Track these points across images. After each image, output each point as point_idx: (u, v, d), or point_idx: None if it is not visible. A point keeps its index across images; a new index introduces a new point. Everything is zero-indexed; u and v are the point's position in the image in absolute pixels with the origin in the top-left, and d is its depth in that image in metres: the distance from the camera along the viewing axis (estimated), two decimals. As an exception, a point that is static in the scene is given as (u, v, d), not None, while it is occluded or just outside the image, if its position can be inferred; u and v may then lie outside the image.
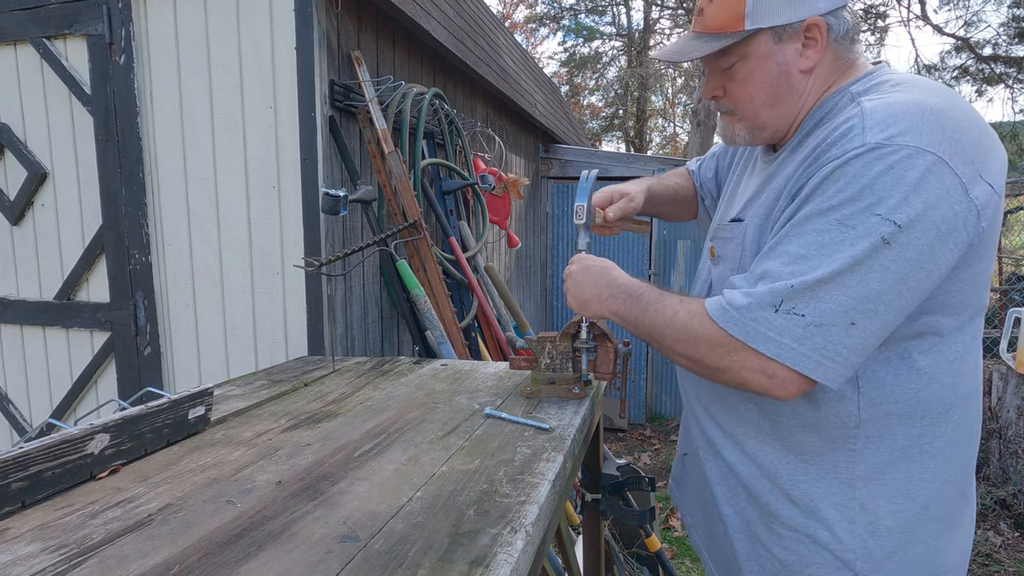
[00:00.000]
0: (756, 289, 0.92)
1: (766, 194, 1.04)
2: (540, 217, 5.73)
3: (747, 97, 1.03)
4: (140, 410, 1.13)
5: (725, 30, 0.98)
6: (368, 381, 1.68)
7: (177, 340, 2.38)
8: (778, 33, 0.98)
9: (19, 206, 2.53)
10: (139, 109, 2.28)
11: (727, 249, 1.10)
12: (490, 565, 0.76)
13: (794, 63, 1.00)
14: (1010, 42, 10.52)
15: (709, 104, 1.13)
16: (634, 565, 2.46)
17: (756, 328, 0.90)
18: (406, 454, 1.13)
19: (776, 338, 0.89)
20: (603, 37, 17.25)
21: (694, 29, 1.04)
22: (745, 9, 0.96)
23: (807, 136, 1.02)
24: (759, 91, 1.02)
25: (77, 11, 2.30)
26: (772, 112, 1.03)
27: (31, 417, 2.68)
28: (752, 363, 0.92)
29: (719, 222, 1.20)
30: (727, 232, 1.11)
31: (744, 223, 1.07)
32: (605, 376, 1.43)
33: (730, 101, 1.06)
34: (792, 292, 0.88)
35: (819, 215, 0.89)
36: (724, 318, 0.94)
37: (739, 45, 0.99)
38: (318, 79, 2.08)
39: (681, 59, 1.05)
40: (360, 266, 2.37)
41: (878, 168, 0.85)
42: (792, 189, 0.96)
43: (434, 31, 2.72)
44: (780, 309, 0.89)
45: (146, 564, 0.78)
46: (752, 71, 1.01)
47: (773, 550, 1.08)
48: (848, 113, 0.94)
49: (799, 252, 0.89)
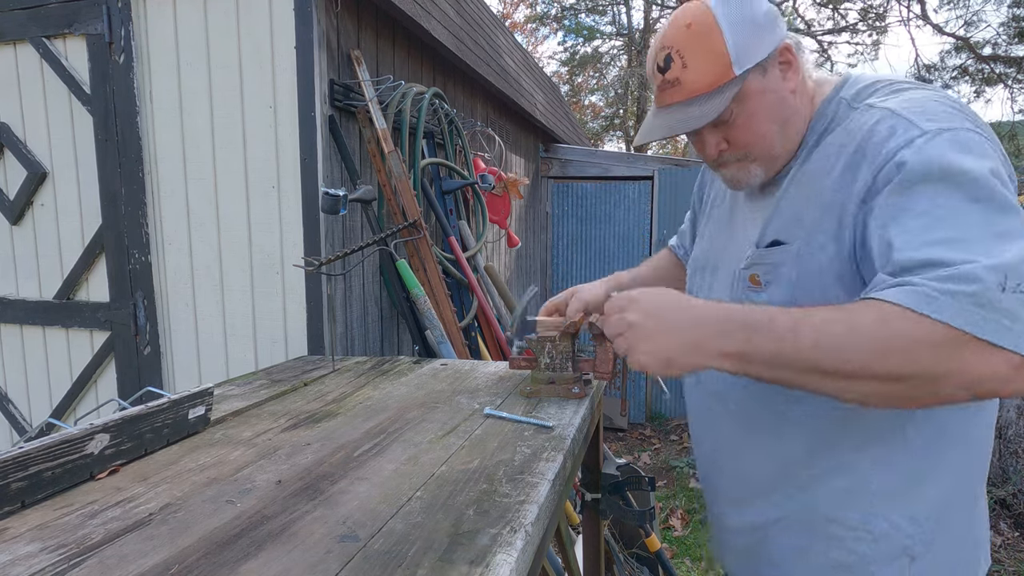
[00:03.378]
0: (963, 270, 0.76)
1: (812, 211, 0.98)
2: (540, 217, 5.73)
3: (758, 136, 1.02)
4: (140, 410, 1.13)
5: (715, 85, 0.96)
6: (368, 381, 1.68)
7: (177, 340, 2.38)
8: (762, 67, 0.98)
9: (19, 206, 2.53)
10: (139, 109, 2.28)
11: (778, 273, 1.01)
12: (490, 565, 0.76)
13: (782, 87, 1.01)
14: (1010, 42, 10.53)
15: (708, 161, 1.08)
16: (634, 565, 2.46)
17: (986, 315, 0.75)
18: (406, 454, 1.13)
19: (1011, 325, 0.75)
20: (603, 37, 17.26)
21: (673, 100, 1.00)
22: (731, 58, 0.96)
23: (816, 146, 1.02)
24: (767, 125, 1.01)
25: (77, 11, 2.29)
26: (783, 139, 1.03)
27: (31, 417, 2.68)
28: (994, 358, 0.75)
29: (744, 251, 1.09)
30: (773, 257, 1.02)
31: (792, 245, 0.99)
32: (605, 376, 1.43)
33: (739, 148, 1.03)
34: (1004, 268, 0.76)
35: (936, 202, 0.82)
36: (945, 308, 0.75)
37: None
38: (318, 79, 2.08)
39: (682, 131, 1.00)
40: (360, 266, 2.37)
41: (957, 145, 0.84)
42: (858, 194, 0.91)
43: (434, 31, 2.72)
44: (1007, 288, 0.75)
45: (145, 564, 0.78)
46: (753, 111, 1.00)
47: (832, 554, 1.04)
48: (870, 116, 0.94)
49: (952, 237, 0.79)
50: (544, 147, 5.76)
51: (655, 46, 1.02)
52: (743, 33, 0.96)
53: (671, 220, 5.50)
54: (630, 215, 5.64)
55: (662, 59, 1.00)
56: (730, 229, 1.18)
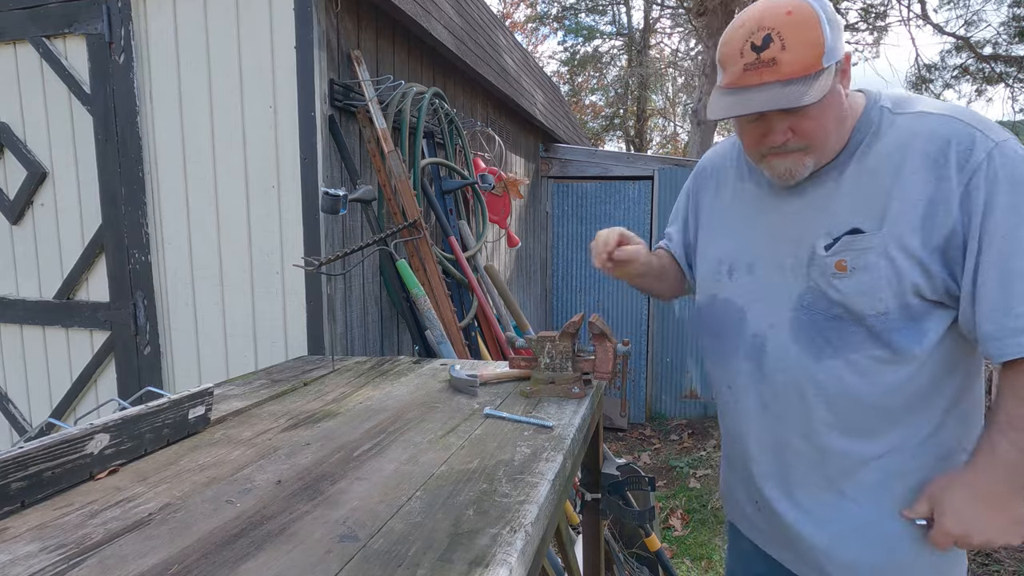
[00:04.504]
0: None
1: (893, 204, 1.06)
2: (540, 217, 5.73)
3: (822, 131, 1.07)
4: (140, 410, 1.13)
5: (807, 72, 1.01)
6: (368, 381, 1.68)
7: (177, 340, 2.38)
8: (838, 66, 1.05)
9: (19, 205, 2.53)
10: (139, 108, 2.28)
11: (865, 259, 1.08)
12: (489, 565, 0.76)
13: (841, 90, 1.07)
14: (1010, 41, 10.51)
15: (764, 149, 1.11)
16: (634, 565, 2.46)
17: None
18: (405, 453, 1.13)
19: None
20: (603, 37, 17.25)
21: (766, 80, 1.03)
22: (824, 50, 1.01)
23: (869, 146, 1.10)
24: (831, 122, 1.07)
25: (77, 10, 2.29)
26: (837, 138, 1.10)
27: (31, 416, 2.68)
28: None
29: (807, 241, 1.15)
30: (860, 243, 1.09)
31: (873, 233, 1.07)
32: (605, 376, 1.43)
33: (804, 138, 1.08)
34: None
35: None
36: None
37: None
38: (318, 78, 2.08)
39: (781, 107, 1.03)
40: (360, 266, 2.37)
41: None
42: (951, 194, 1.02)
43: (434, 30, 2.72)
44: None
45: (145, 564, 0.78)
46: (826, 105, 1.05)
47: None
48: (933, 121, 1.05)
49: None
50: (544, 147, 5.76)
51: (748, 26, 1.04)
52: (833, 31, 1.02)
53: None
54: (630, 215, 5.64)
55: (760, 39, 1.02)
56: (765, 226, 1.22)
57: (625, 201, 5.65)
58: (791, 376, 1.17)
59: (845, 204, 1.10)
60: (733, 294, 1.25)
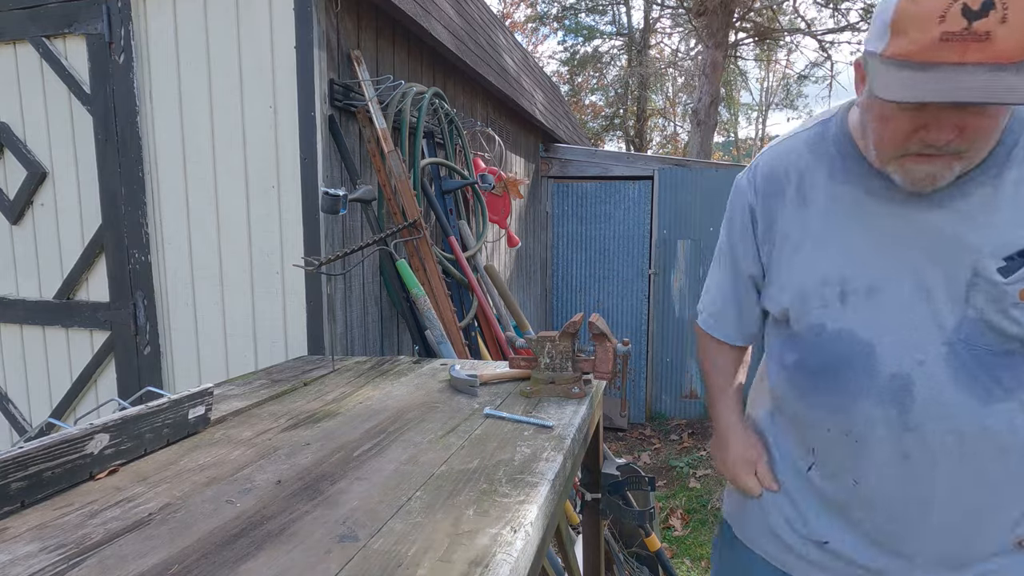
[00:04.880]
0: None
1: None
2: (540, 217, 5.73)
3: (993, 132, 0.90)
4: (140, 410, 1.13)
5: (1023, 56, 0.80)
6: (368, 381, 1.68)
7: (177, 340, 2.38)
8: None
9: (19, 205, 2.53)
10: (139, 108, 2.28)
11: None
12: (489, 565, 0.76)
13: None
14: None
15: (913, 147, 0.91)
16: (634, 565, 2.46)
17: None
18: (406, 453, 1.13)
19: None
20: (603, 37, 17.25)
21: (969, 58, 0.79)
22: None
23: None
24: (998, 126, 0.90)
25: (77, 10, 2.29)
26: (990, 147, 0.94)
27: (31, 416, 2.68)
28: None
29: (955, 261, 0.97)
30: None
31: None
32: (605, 376, 1.43)
33: (967, 140, 0.88)
34: None
35: None
36: None
37: None
38: (318, 78, 2.08)
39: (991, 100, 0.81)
40: (360, 266, 2.37)
41: None
42: None
43: (434, 30, 2.72)
44: None
45: (145, 564, 0.78)
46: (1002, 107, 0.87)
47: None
48: None
49: None
50: (544, 147, 5.76)
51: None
52: None
53: (671, 220, 5.50)
54: (630, 215, 5.64)
55: (979, 2, 0.77)
56: (886, 240, 1.02)
57: (625, 201, 5.65)
58: (951, 425, 0.98)
59: (1009, 217, 0.93)
60: (853, 324, 1.03)
